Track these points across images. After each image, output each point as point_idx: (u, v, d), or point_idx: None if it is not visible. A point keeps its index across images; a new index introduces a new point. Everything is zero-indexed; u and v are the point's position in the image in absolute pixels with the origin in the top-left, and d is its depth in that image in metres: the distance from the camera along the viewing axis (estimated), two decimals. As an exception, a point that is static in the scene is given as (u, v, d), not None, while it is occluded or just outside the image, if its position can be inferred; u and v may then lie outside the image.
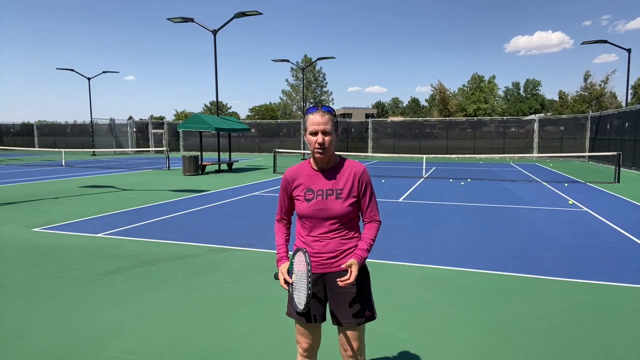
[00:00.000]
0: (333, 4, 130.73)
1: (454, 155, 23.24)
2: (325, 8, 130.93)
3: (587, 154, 21.19)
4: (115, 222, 8.28)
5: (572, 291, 4.66)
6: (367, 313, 2.29)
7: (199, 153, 24.07)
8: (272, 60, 32.53)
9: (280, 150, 24.74)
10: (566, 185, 14.25)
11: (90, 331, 3.73)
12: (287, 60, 32.60)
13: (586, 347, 3.45)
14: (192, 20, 20.83)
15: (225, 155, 28.05)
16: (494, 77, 63.00)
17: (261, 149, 38.06)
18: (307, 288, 2.11)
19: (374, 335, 3.51)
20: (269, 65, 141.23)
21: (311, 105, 2.32)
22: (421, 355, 3.34)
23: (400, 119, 49.01)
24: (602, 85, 43.61)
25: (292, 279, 2.27)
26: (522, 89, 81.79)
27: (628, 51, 25.41)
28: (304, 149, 30.51)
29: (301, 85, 41.06)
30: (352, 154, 25.67)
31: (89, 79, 33.29)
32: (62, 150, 28.39)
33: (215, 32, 21.06)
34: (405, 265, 5.60)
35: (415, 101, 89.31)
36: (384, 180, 15.72)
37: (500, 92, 72.08)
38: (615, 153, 15.77)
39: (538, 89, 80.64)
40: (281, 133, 37.99)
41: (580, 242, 6.71)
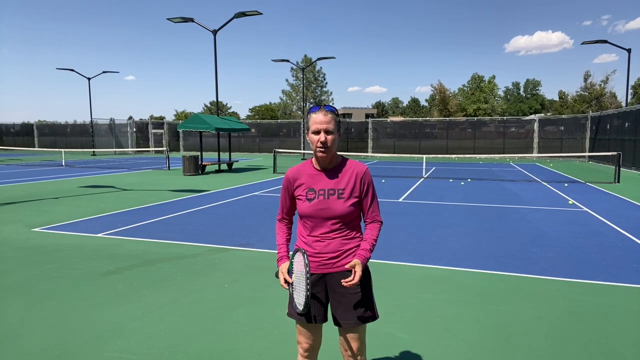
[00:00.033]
0: (333, 4, 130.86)
1: (454, 155, 23.24)
2: (325, 8, 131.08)
3: (587, 154, 21.19)
4: (115, 222, 8.28)
5: (572, 291, 4.66)
6: (368, 313, 2.28)
7: (199, 153, 24.08)
8: (272, 60, 32.52)
9: (280, 150, 24.74)
10: (566, 185, 14.25)
11: (90, 331, 3.73)
12: (287, 60, 32.59)
13: (586, 347, 3.45)
14: (192, 20, 20.84)
15: (225, 155, 28.05)
16: (494, 77, 63.11)
17: (261, 149, 38.07)
18: (306, 289, 2.11)
19: (374, 335, 3.51)
20: (269, 65, 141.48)
21: (312, 105, 2.32)
22: (421, 355, 3.34)
23: (400, 119, 49.01)
24: (602, 85, 43.64)
25: (292, 278, 2.28)
26: (522, 89, 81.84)
27: (628, 51, 25.41)
28: (304, 149, 30.51)
29: (301, 85, 41.05)
30: (352, 154, 25.64)
31: (89, 79, 33.30)
32: (62, 150, 28.40)
33: (215, 32, 21.07)
34: (405, 265, 5.61)
35: (415, 101, 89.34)
36: (384, 180, 15.72)
37: (500, 92, 72.16)
38: (615, 153, 15.77)
39: (538, 89, 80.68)
40: (281, 133, 37.99)
41: (580, 242, 6.71)
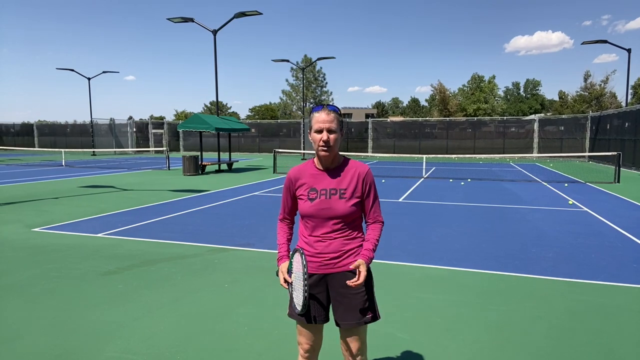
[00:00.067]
0: (333, 4, 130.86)
1: (454, 155, 23.25)
2: (325, 8, 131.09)
3: (587, 154, 21.19)
4: (115, 222, 8.28)
5: (572, 291, 4.66)
6: (369, 314, 2.27)
7: (199, 153, 24.07)
8: (272, 60, 32.48)
9: (280, 150, 24.74)
10: (566, 185, 14.25)
11: (90, 331, 3.73)
12: (287, 60, 32.57)
13: (586, 347, 3.45)
14: (192, 20, 20.84)
15: (225, 155, 28.05)
16: (494, 77, 63.12)
17: (261, 149, 38.07)
18: (304, 289, 2.11)
19: (374, 335, 3.51)
20: (269, 65, 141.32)
21: (313, 105, 2.32)
22: (421, 355, 3.34)
23: (400, 119, 49.01)
24: (602, 85, 43.64)
25: (291, 278, 2.27)
26: (522, 89, 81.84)
27: (628, 51, 25.41)
28: (304, 149, 30.50)
29: (301, 85, 41.04)
30: (352, 154, 25.62)
31: (89, 79, 33.30)
32: (62, 150, 28.40)
33: (215, 32, 21.07)
34: (405, 265, 5.61)
35: (415, 101, 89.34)
36: (384, 180, 15.72)
37: (500, 92, 72.15)
38: (615, 153, 15.78)
39: (538, 89, 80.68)
40: (281, 133, 38.00)
41: (580, 242, 6.71)
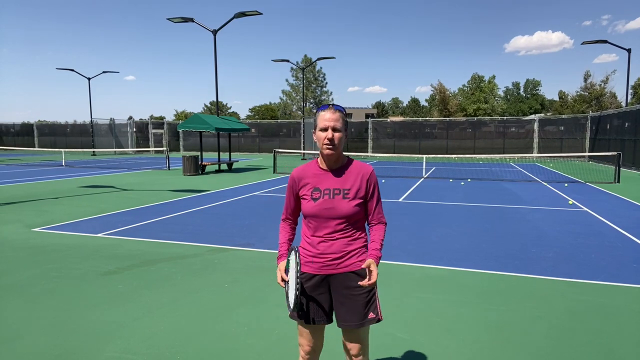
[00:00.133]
0: (333, 4, 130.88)
1: (454, 155, 23.24)
2: (325, 8, 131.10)
3: (587, 154, 21.18)
4: (115, 222, 8.28)
5: (572, 291, 4.66)
6: (372, 315, 2.26)
7: (199, 153, 24.07)
8: (272, 60, 32.49)
9: (280, 150, 24.74)
10: (566, 185, 14.25)
11: (90, 331, 3.73)
12: (287, 60, 32.57)
13: (586, 347, 3.45)
14: (192, 20, 20.84)
15: (225, 155, 28.05)
16: (494, 77, 63.12)
17: (261, 149, 38.07)
18: (295, 288, 2.10)
19: (374, 335, 3.50)
20: (269, 65, 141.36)
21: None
22: (421, 355, 3.34)
23: (400, 119, 49.01)
24: (602, 85, 43.61)
25: (287, 276, 2.27)
26: (522, 89, 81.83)
27: (628, 51, 25.41)
28: (304, 149, 30.50)
29: (301, 85, 41.04)
30: (352, 154, 25.61)
31: (89, 79, 33.31)
32: (62, 150, 28.40)
33: (215, 32, 21.07)
34: (405, 265, 5.61)
35: (415, 101, 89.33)
36: (384, 180, 15.72)
37: (500, 92, 72.15)
38: (615, 153, 15.77)
39: (538, 89, 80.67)
40: (281, 133, 38.00)
41: (580, 242, 6.71)
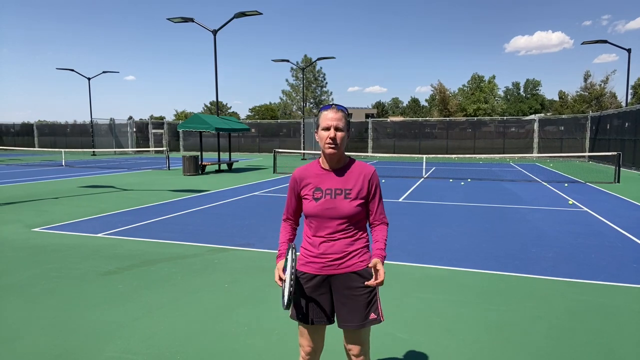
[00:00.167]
0: (333, 4, 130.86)
1: (454, 155, 23.25)
2: (325, 8, 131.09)
3: (587, 154, 21.19)
4: (115, 222, 8.28)
5: (572, 291, 4.66)
6: (373, 316, 2.26)
7: (199, 153, 24.07)
8: (272, 60, 32.49)
9: (280, 150, 24.74)
10: (566, 185, 14.25)
11: (90, 331, 3.73)
12: (287, 60, 32.58)
13: (586, 347, 3.45)
14: (192, 20, 20.84)
15: (225, 155, 28.04)
16: (494, 77, 63.12)
17: (261, 149, 38.07)
18: (289, 284, 2.09)
19: (374, 336, 3.50)
20: (269, 65, 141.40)
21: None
22: (421, 355, 3.34)
23: (400, 119, 49.01)
24: (602, 85, 43.62)
25: (285, 275, 2.26)
26: (522, 89, 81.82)
27: (628, 51, 25.41)
28: (304, 149, 30.50)
29: (301, 85, 41.04)
30: (352, 154, 25.63)
31: (89, 79, 33.30)
32: (62, 150, 28.40)
33: (215, 32, 21.07)
34: (405, 265, 5.61)
35: (415, 101, 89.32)
36: (384, 180, 15.72)
37: (500, 92, 72.13)
38: (615, 153, 15.77)
39: (538, 89, 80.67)
40: (281, 133, 38.00)
41: (580, 242, 6.71)
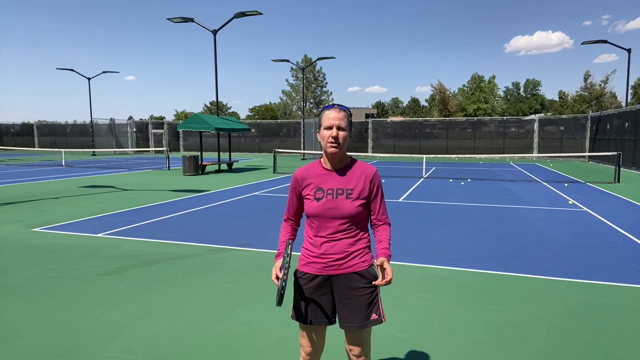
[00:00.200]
0: (333, 4, 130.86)
1: (454, 155, 23.22)
2: (325, 8, 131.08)
3: (587, 154, 21.17)
4: (115, 222, 8.28)
5: (572, 291, 4.66)
6: (374, 316, 2.25)
7: (199, 153, 24.07)
8: (272, 60, 32.48)
9: (280, 150, 24.73)
10: (566, 185, 14.25)
11: (90, 331, 3.73)
12: (287, 60, 32.57)
13: (586, 347, 3.45)
14: (192, 20, 20.84)
15: (225, 155, 28.05)
16: (494, 77, 63.09)
17: (261, 149, 38.07)
18: (281, 280, 2.07)
19: (374, 336, 3.49)
20: (269, 65, 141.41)
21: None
22: (421, 355, 3.34)
23: (400, 119, 49.00)
24: (602, 85, 43.61)
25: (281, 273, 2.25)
26: (522, 89, 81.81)
27: (628, 51, 25.40)
28: (304, 149, 30.50)
29: (301, 85, 41.03)
30: (352, 154, 25.63)
31: (89, 79, 33.30)
32: (62, 150, 28.39)
33: (215, 32, 21.07)
34: (405, 265, 5.60)
35: (415, 101, 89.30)
36: (384, 181, 15.72)
37: (500, 92, 72.12)
38: (615, 153, 15.77)
39: (538, 89, 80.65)
40: (281, 133, 37.99)
41: (580, 242, 6.71)
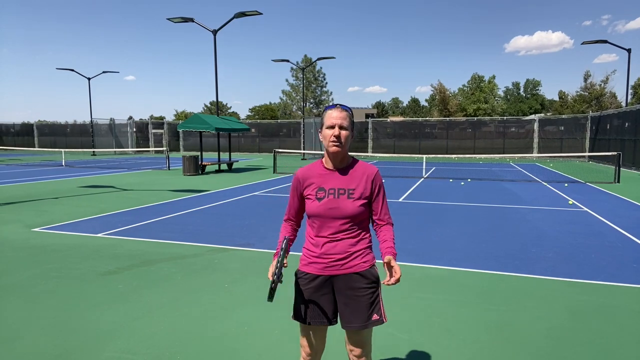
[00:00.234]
0: (333, 4, 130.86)
1: (454, 155, 23.21)
2: (325, 8, 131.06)
3: (587, 154, 21.16)
4: (115, 222, 8.28)
5: (572, 291, 4.66)
6: (375, 317, 2.25)
7: (199, 153, 24.07)
8: (272, 60, 32.50)
9: (280, 150, 24.72)
10: (566, 185, 14.25)
11: (90, 331, 3.73)
12: (287, 60, 32.58)
13: (586, 347, 3.45)
14: (192, 20, 20.84)
15: (225, 155, 28.05)
16: (494, 77, 63.04)
17: (261, 149, 38.07)
18: (274, 274, 2.06)
19: (374, 336, 3.49)
20: (269, 65, 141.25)
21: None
22: (421, 355, 3.34)
23: (400, 119, 49.00)
24: (602, 85, 43.62)
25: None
26: (522, 89, 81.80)
27: (628, 51, 25.40)
28: (304, 149, 30.50)
29: (301, 85, 41.03)
30: (352, 154, 25.54)
31: (89, 79, 33.30)
32: (62, 150, 28.39)
33: (215, 32, 21.07)
34: (405, 265, 5.60)
35: (415, 101, 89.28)
36: (384, 181, 15.72)
37: (500, 92, 72.11)
38: (615, 153, 15.77)
39: (538, 89, 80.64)
40: (281, 133, 38.00)
41: (580, 242, 6.71)
